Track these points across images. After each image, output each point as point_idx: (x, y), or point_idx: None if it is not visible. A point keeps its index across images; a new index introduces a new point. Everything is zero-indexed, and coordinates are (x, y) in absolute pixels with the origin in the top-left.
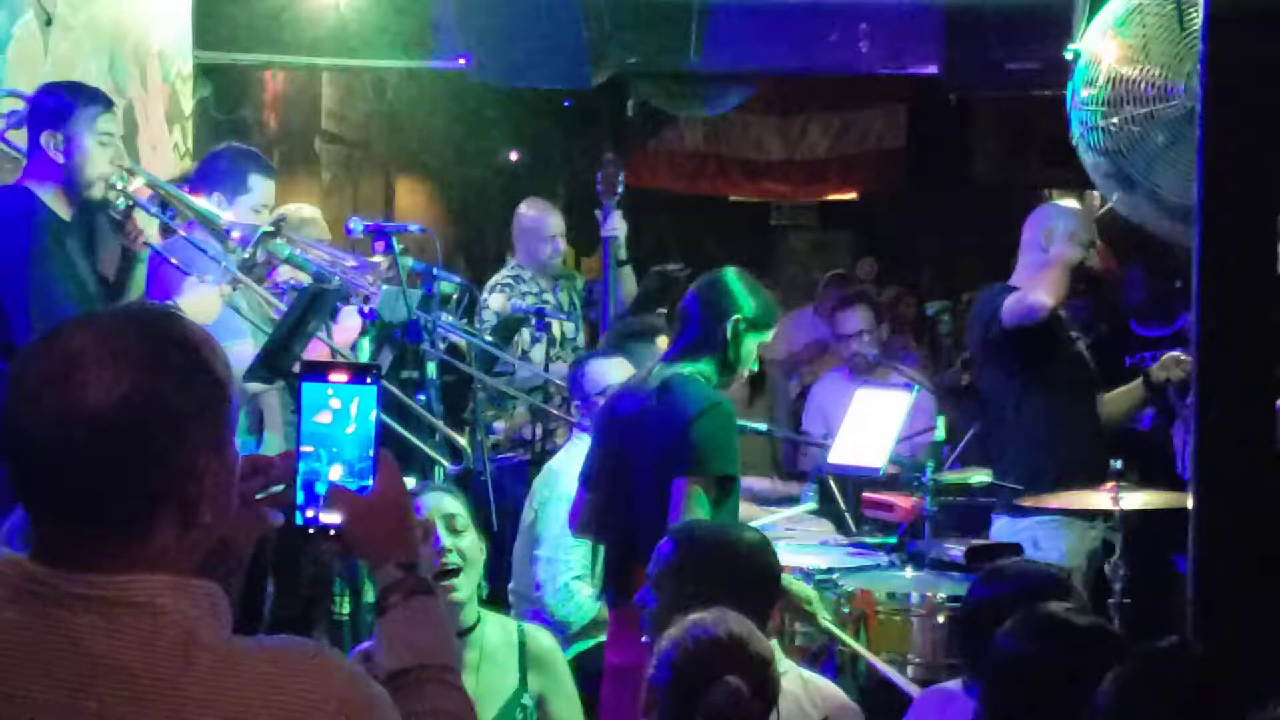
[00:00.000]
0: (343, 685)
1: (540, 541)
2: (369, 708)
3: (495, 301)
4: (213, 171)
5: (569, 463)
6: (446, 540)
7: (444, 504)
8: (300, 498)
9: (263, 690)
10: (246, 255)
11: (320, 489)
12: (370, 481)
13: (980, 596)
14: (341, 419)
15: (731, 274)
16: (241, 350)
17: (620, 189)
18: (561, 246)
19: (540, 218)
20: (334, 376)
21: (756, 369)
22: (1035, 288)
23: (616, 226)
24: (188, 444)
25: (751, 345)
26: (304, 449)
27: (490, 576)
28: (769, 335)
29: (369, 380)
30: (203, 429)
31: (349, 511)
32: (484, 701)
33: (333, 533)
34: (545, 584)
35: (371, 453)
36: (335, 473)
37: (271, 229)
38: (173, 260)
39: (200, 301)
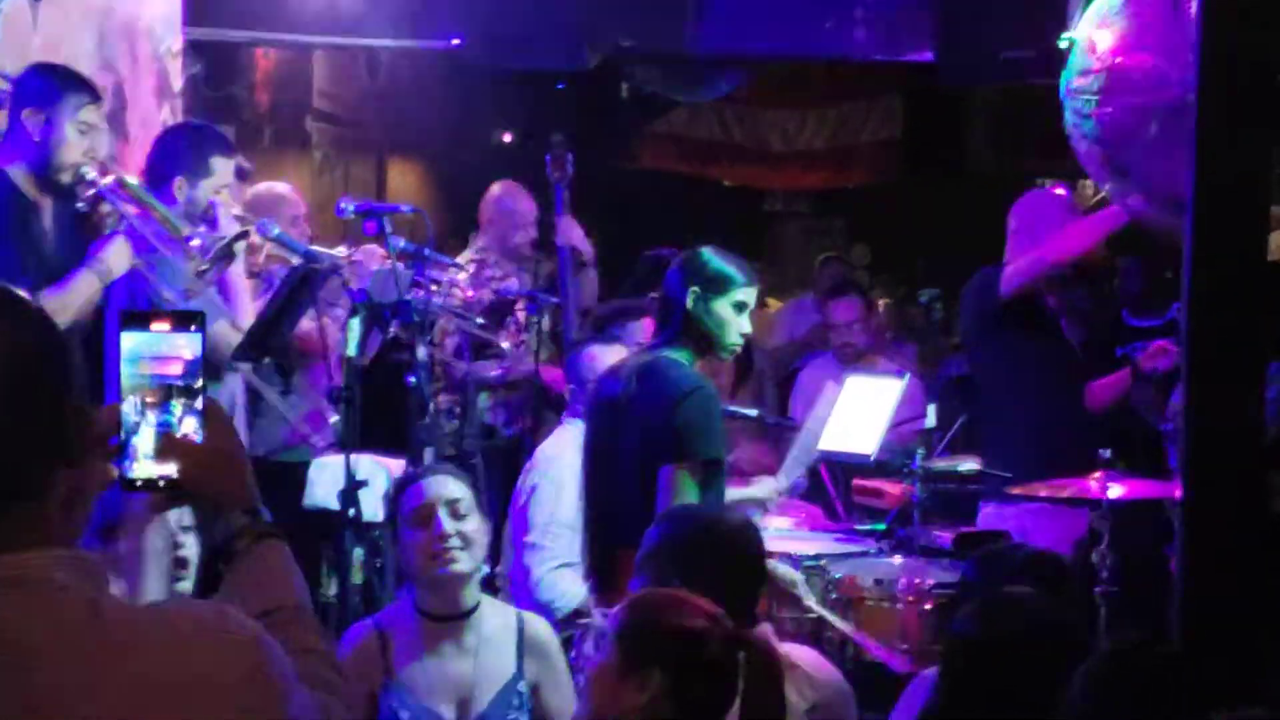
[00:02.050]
0: (250, 646)
1: (529, 527)
2: (273, 666)
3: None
4: (172, 152)
5: (560, 448)
6: (448, 525)
7: (447, 489)
8: (126, 450)
9: (173, 653)
10: (204, 268)
11: (146, 440)
12: (199, 431)
13: (973, 581)
14: (160, 368)
15: (700, 249)
16: (220, 330)
17: (570, 170)
18: (534, 233)
19: (515, 203)
20: (156, 325)
21: (743, 341)
22: (1039, 247)
23: (571, 236)
24: (62, 401)
25: (723, 310)
26: (128, 400)
27: None
28: (741, 294)
29: (194, 329)
30: (68, 383)
31: (185, 462)
32: (481, 685)
33: (162, 484)
34: (531, 569)
35: (199, 402)
36: (151, 422)
37: (232, 246)
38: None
39: (116, 253)
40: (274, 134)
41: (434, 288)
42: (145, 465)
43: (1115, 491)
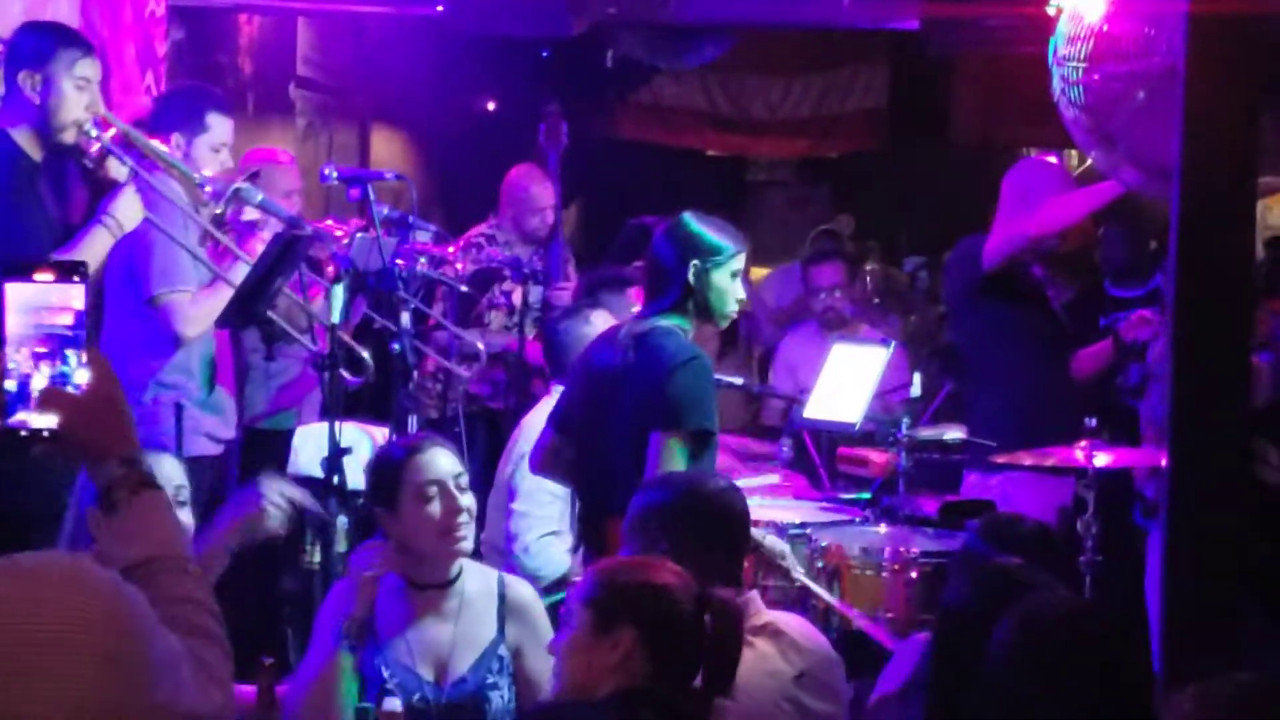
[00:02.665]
0: (106, 595)
1: (515, 495)
2: (131, 613)
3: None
4: (169, 114)
5: (544, 416)
6: (461, 501)
7: (452, 464)
8: (9, 400)
9: (25, 606)
10: (219, 211)
11: (31, 389)
12: (82, 380)
13: (975, 550)
14: (49, 319)
15: (686, 216)
16: (180, 301)
17: (564, 139)
18: (551, 218)
19: (532, 186)
20: (40, 276)
21: (738, 308)
22: (1022, 219)
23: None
24: None
25: (721, 280)
26: (11, 350)
27: None
28: (736, 262)
29: (76, 279)
30: None
31: (66, 411)
32: (462, 650)
33: (46, 434)
34: (516, 537)
35: (82, 352)
36: (45, 373)
37: (245, 185)
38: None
39: (126, 206)
40: (257, 100)
41: (420, 259)
42: (28, 415)
43: (1100, 460)
